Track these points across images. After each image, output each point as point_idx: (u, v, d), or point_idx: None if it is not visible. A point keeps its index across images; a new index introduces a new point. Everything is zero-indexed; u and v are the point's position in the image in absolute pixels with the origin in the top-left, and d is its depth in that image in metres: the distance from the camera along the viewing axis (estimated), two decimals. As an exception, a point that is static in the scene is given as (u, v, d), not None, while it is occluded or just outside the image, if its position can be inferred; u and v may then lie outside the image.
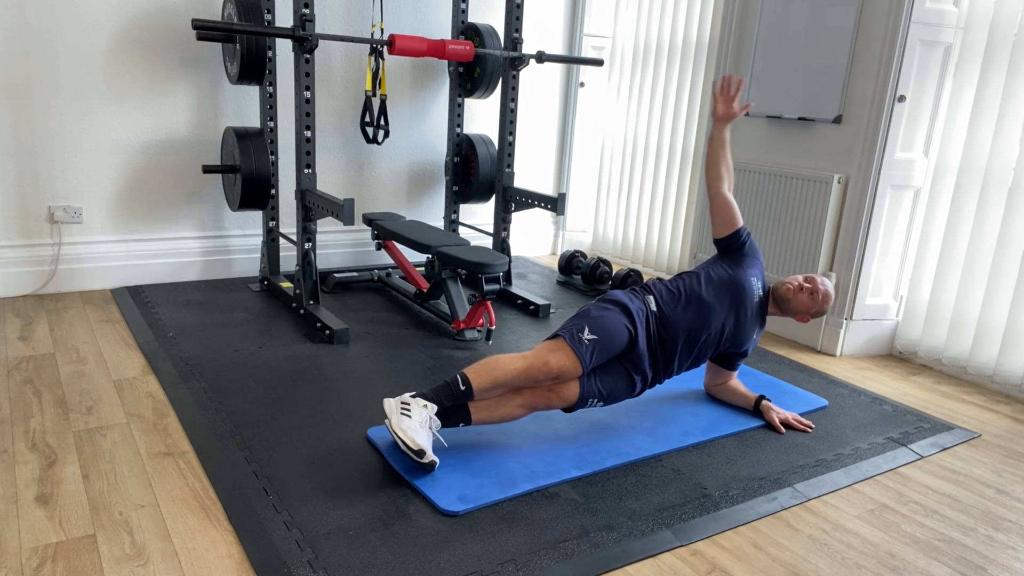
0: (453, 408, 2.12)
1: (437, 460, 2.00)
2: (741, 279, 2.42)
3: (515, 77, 3.71)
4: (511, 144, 3.78)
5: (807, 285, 2.48)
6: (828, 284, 2.50)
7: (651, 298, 2.35)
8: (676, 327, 2.32)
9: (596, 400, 2.25)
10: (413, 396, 2.06)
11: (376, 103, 3.57)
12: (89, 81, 3.32)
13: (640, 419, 2.46)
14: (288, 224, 3.75)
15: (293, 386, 2.55)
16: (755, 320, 2.47)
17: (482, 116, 4.41)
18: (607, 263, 4.06)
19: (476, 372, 2.09)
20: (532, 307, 3.57)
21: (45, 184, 3.32)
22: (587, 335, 2.17)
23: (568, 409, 2.25)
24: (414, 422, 2.00)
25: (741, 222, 2.50)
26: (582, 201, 4.98)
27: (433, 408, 2.04)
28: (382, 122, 3.55)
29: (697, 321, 2.34)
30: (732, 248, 2.50)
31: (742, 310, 2.41)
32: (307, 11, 2.95)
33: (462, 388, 2.07)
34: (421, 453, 1.95)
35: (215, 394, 2.45)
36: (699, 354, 2.39)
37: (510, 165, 3.81)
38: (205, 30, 2.80)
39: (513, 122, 3.75)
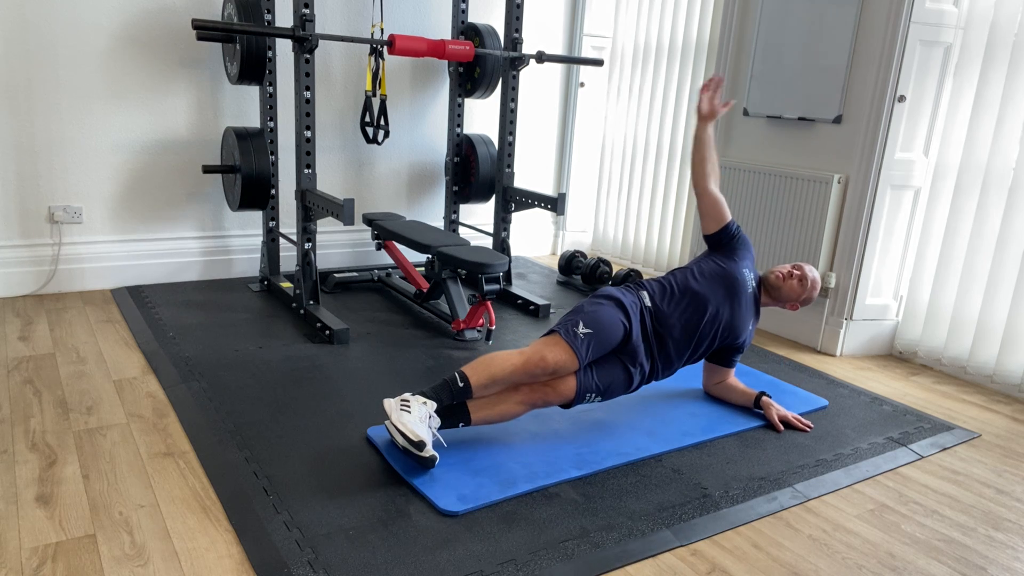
0: (452, 407, 2.12)
1: (437, 455, 2.00)
2: (734, 271, 2.45)
3: (515, 77, 3.70)
4: (511, 144, 3.78)
5: (796, 272, 2.53)
6: (815, 271, 2.56)
7: (644, 293, 2.38)
8: (670, 320, 2.34)
9: (594, 395, 2.25)
10: (413, 395, 2.07)
11: (376, 103, 3.57)
12: (89, 81, 3.32)
13: (640, 419, 2.46)
14: (288, 224, 3.75)
15: (293, 386, 2.55)
16: (750, 311, 2.50)
17: (482, 116, 4.41)
18: (607, 263, 4.06)
19: (474, 369, 2.11)
20: (532, 307, 3.57)
21: (45, 184, 3.32)
22: (582, 329, 2.18)
23: (566, 405, 2.25)
24: (414, 417, 2.00)
25: (730, 216, 2.55)
26: (582, 201, 4.98)
27: (433, 405, 2.05)
28: (382, 122, 3.55)
29: (690, 313, 2.36)
30: (723, 242, 2.54)
31: (737, 301, 2.43)
32: (307, 11, 2.95)
33: (460, 385, 2.08)
34: (421, 445, 1.95)
35: (215, 394, 2.45)
36: (696, 347, 2.41)
37: (510, 165, 3.81)
38: (205, 30, 2.80)
39: (513, 122, 3.75)
